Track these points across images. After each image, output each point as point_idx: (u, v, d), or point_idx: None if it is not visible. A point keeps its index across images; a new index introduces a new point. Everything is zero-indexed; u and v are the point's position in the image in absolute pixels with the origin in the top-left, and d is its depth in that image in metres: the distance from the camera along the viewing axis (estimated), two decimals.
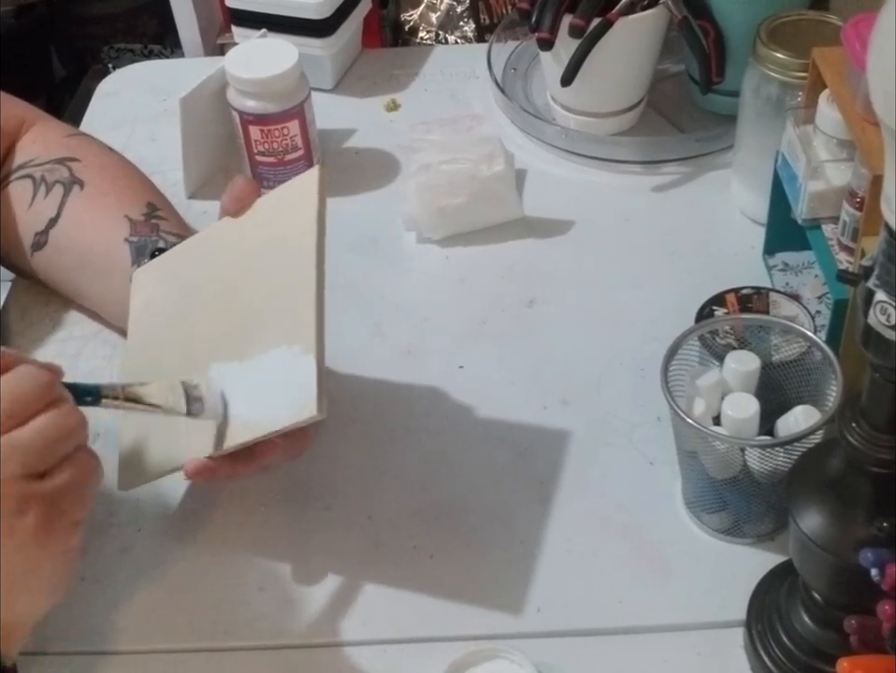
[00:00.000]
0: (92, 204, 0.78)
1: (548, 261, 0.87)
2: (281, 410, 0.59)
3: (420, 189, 0.87)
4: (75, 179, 0.78)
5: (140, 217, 0.77)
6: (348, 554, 0.69)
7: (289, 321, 0.61)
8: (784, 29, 0.81)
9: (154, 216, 0.77)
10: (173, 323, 0.69)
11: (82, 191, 0.78)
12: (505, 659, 0.61)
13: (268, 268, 0.64)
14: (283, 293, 0.62)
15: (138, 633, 0.65)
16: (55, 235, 0.78)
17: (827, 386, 0.65)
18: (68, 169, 0.79)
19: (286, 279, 0.62)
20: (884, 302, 0.46)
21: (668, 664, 0.63)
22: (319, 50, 1.00)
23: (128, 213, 0.77)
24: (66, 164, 0.79)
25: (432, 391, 0.78)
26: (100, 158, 0.81)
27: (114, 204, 0.78)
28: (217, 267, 0.68)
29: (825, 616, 0.59)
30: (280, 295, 0.62)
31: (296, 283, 0.61)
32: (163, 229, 0.76)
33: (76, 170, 0.79)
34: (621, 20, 0.88)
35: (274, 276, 0.64)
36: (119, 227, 0.76)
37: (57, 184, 0.78)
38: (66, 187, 0.78)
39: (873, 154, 0.66)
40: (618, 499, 0.70)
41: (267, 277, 0.64)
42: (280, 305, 0.62)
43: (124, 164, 0.83)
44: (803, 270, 0.82)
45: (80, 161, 0.80)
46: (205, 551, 0.69)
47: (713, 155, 0.93)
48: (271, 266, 0.64)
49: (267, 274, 0.64)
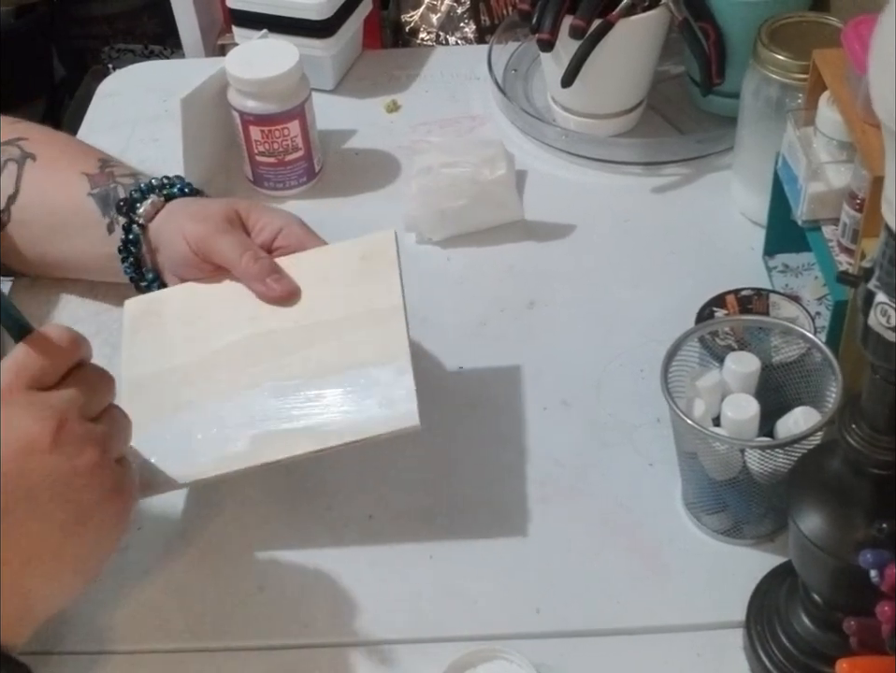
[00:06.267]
0: (48, 171, 0.80)
1: (548, 262, 0.87)
2: (381, 419, 0.64)
3: (421, 191, 0.87)
4: (27, 154, 0.80)
5: (96, 170, 0.79)
6: (348, 554, 0.68)
7: (382, 346, 0.67)
8: (784, 31, 0.81)
9: (108, 166, 0.80)
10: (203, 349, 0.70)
11: (35, 162, 0.80)
12: (504, 660, 0.61)
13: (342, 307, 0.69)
14: (370, 328, 0.68)
15: (138, 632, 0.65)
16: (17, 210, 0.79)
17: (827, 387, 0.65)
18: (19, 148, 0.81)
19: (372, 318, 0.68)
20: (884, 304, 0.46)
21: (667, 665, 0.63)
22: (320, 51, 1.00)
23: (84, 170, 0.79)
24: (16, 144, 0.81)
25: (432, 391, 0.77)
26: (46, 135, 0.84)
27: (68, 166, 0.80)
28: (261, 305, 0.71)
29: (824, 617, 0.59)
30: (365, 330, 0.68)
31: (385, 321, 0.68)
32: (117, 174, 0.79)
33: (26, 147, 0.81)
34: (622, 21, 0.88)
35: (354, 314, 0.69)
36: (79, 184, 0.79)
37: (10, 162, 0.80)
38: (20, 163, 0.80)
39: (873, 156, 0.66)
40: (618, 500, 0.70)
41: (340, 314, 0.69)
42: (367, 336, 0.68)
43: (68, 136, 0.87)
44: (803, 272, 0.82)
45: (28, 139, 0.82)
46: (205, 550, 0.69)
47: (713, 157, 0.93)
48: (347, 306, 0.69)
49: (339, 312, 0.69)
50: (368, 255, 0.71)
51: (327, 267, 0.71)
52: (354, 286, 0.70)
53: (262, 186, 0.94)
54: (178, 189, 0.78)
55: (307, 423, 0.65)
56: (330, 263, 0.72)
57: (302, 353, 0.68)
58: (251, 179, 0.94)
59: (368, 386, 0.65)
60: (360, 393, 0.65)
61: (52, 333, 0.54)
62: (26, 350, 0.53)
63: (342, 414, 0.65)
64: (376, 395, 0.65)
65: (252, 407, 0.66)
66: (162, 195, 0.77)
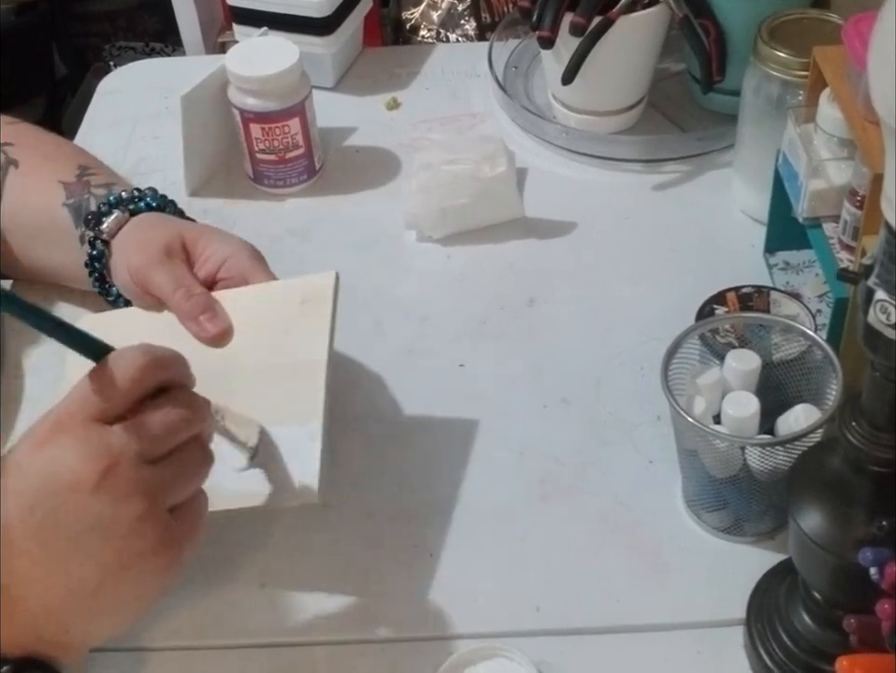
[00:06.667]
0: (28, 179, 0.80)
1: (548, 259, 0.87)
2: (281, 489, 0.61)
3: (422, 189, 0.86)
4: (10, 161, 0.80)
5: (73, 179, 0.78)
6: (347, 553, 0.68)
7: (297, 404, 0.63)
8: (785, 28, 0.81)
9: (86, 174, 0.79)
10: None
11: (18, 169, 0.80)
12: (504, 658, 0.61)
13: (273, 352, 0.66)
14: (292, 379, 0.64)
15: (139, 630, 0.65)
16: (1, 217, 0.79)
17: (827, 385, 0.64)
18: (4, 154, 0.80)
19: (296, 369, 0.64)
20: (884, 301, 0.46)
21: (667, 662, 0.63)
22: (320, 49, 1.00)
23: (61, 178, 0.79)
24: (1, 149, 0.81)
25: (432, 389, 0.77)
26: (34, 138, 0.83)
27: (47, 174, 0.79)
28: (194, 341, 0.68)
29: (825, 615, 0.59)
30: (288, 381, 0.64)
31: (308, 374, 0.64)
32: (92, 184, 0.78)
33: (10, 153, 0.81)
34: (622, 18, 0.88)
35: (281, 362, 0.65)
36: (55, 194, 0.78)
37: None
38: (3, 169, 0.80)
39: (873, 153, 0.65)
40: (618, 498, 0.70)
41: (270, 360, 0.65)
42: (288, 389, 0.64)
43: (57, 140, 0.85)
44: (804, 269, 0.82)
45: (14, 144, 0.81)
46: (204, 548, 0.68)
47: (714, 154, 0.93)
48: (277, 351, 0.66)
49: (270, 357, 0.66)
50: (307, 299, 0.67)
51: (264, 308, 0.68)
52: (286, 333, 0.66)
53: (262, 184, 0.94)
54: (145, 203, 0.75)
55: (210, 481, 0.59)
56: (268, 303, 0.68)
57: (224, 395, 0.62)
58: (251, 177, 0.94)
59: (275, 449, 0.62)
60: (265, 456, 0.62)
61: (124, 358, 0.52)
62: (95, 379, 0.51)
63: (241, 476, 0.61)
64: (279, 461, 0.62)
65: None
66: (127, 210, 0.74)
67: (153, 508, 0.51)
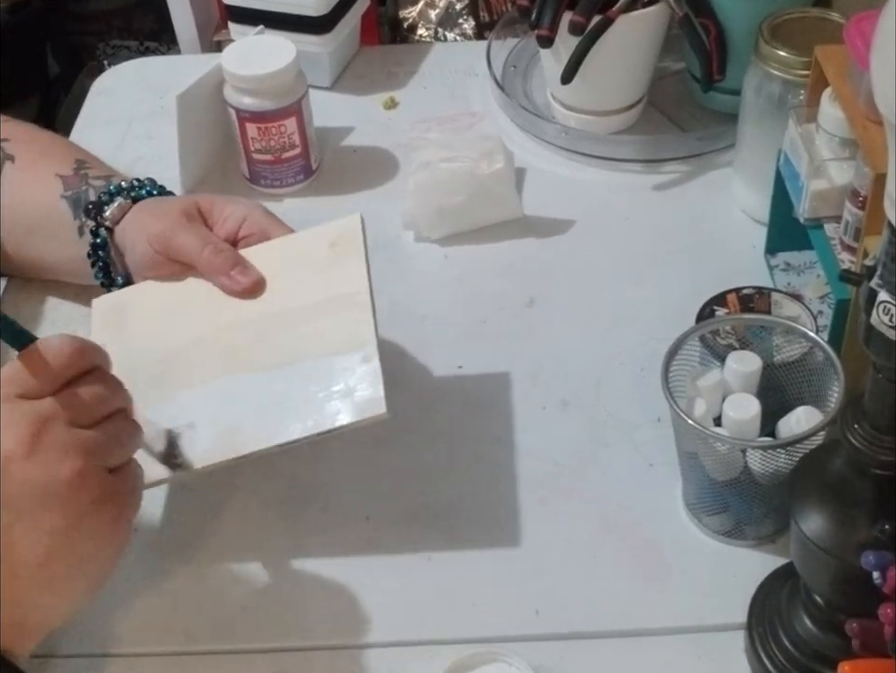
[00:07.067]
0: (25, 174, 0.80)
1: (548, 260, 0.86)
2: (347, 409, 0.63)
3: (419, 188, 0.86)
4: (7, 157, 0.80)
5: (70, 172, 0.79)
6: (345, 556, 0.68)
7: (348, 334, 0.65)
8: (786, 27, 0.80)
9: (83, 168, 0.80)
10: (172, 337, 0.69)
11: (14, 164, 0.80)
12: (503, 662, 0.61)
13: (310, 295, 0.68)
14: (336, 315, 0.66)
15: (136, 635, 0.65)
16: None
17: (829, 387, 0.64)
18: (1, 150, 0.81)
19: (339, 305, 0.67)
20: (887, 302, 0.46)
21: (668, 666, 0.62)
22: (317, 47, 1.00)
23: (58, 172, 0.79)
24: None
25: (431, 390, 0.77)
26: (30, 134, 0.83)
27: (45, 168, 0.80)
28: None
29: (826, 619, 0.58)
30: (332, 317, 0.66)
31: (351, 308, 0.66)
32: (90, 176, 0.78)
33: (7, 148, 0.81)
34: (622, 17, 0.87)
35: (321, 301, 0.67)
36: (53, 187, 0.78)
37: None
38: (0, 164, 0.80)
39: (875, 153, 0.65)
40: (618, 500, 0.70)
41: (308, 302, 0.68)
42: (333, 323, 0.66)
43: (52, 136, 0.86)
44: (805, 270, 0.82)
45: (10, 140, 0.81)
46: (202, 553, 0.69)
47: (714, 154, 0.93)
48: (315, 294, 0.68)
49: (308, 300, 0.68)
50: (336, 241, 0.69)
51: (294, 256, 0.70)
52: (321, 273, 0.68)
53: (258, 184, 0.93)
54: (146, 191, 0.77)
55: (274, 416, 0.64)
56: (297, 251, 0.70)
57: (268, 344, 0.66)
58: (247, 177, 0.93)
59: (334, 375, 0.64)
60: (325, 383, 0.64)
61: (52, 344, 0.53)
62: (20, 361, 0.52)
63: (307, 405, 0.64)
64: (341, 385, 0.64)
65: (219, 401, 0.65)
66: (129, 197, 0.76)
67: (89, 463, 0.52)
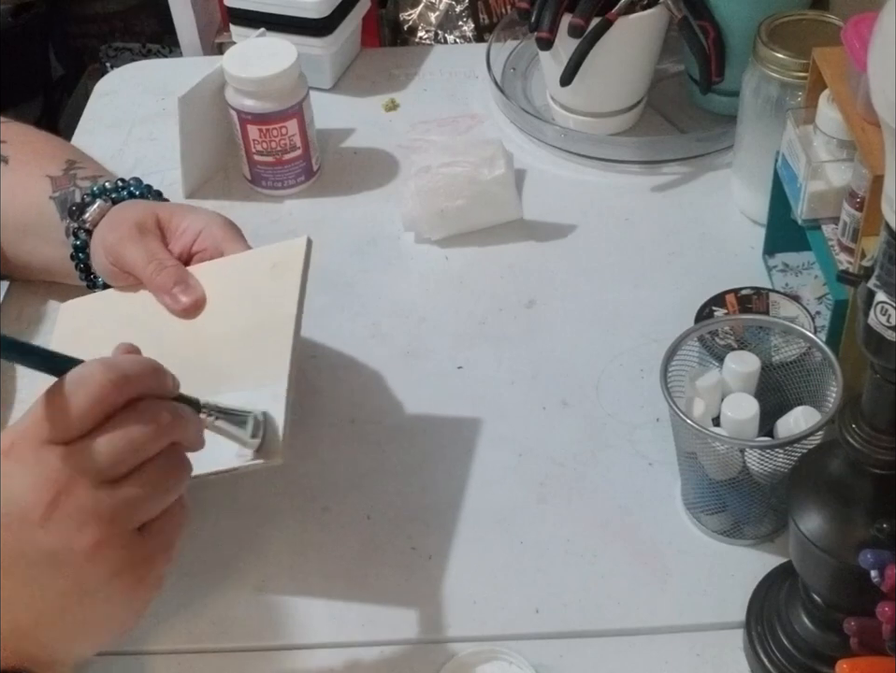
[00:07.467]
0: (17, 175, 0.80)
1: (547, 261, 0.87)
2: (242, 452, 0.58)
3: (419, 191, 0.86)
4: (1, 157, 0.80)
5: (60, 173, 0.79)
6: (346, 555, 0.68)
7: (264, 367, 0.62)
8: (784, 29, 0.81)
9: (73, 168, 0.79)
10: None
11: (7, 166, 0.80)
12: (503, 661, 0.61)
13: (243, 318, 0.65)
14: (260, 342, 0.64)
15: (136, 634, 0.65)
16: None
17: (827, 387, 0.64)
18: None
19: (264, 331, 0.64)
20: (884, 303, 0.46)
21: (667, 665, 0.62)
22: (318, 50, 1.00)
23: (49, 173, 0.79)
24: None
25: (431, 391, 0.77)
26: (24, 135, 0.83)
27: (36, 169, 0.80)
28: None
29: (825, 618, 0.59)
30: (255, 344, 0.64)
31: (274, 336, 0.63)
32: (79, 177, 0.78)
33: (2, 150, 0.81)
34: (621, 19, 0.87)
35: (250, 326, 0.65)
36: (42, 187, 0.78)
37: None
38: None
39: (873, 154, 0.65)
40: (617, 500, 0.70)
41: (240, 325, 0.65)
42: (255, 352, 0.63)
43: (47, 136, 0.85)
44: (803, 271, 0.82)
45: (5, 142, 0.81)
46: (202, 551, 0.69)
47: (712, 155, 0.93)
48: (247, 317, 0.65)
49: (240, 323, 0.65)
50: (277, 263, 0.67)
51: (236, 277, 0.68)
52: (255, 298, 0.66)
53: (260, 185, 0.93)
54: (128, 192, 0.76)
55: None
56: (240, 271, 0.68)
57: (196, 370, 0.61)
58: (248, 179, 0.94)
59: None
60: None
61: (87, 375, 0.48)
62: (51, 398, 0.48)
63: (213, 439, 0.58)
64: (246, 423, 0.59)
65: None
66: (110, 199, 0.75)
67: (112, 531, 0.48)
